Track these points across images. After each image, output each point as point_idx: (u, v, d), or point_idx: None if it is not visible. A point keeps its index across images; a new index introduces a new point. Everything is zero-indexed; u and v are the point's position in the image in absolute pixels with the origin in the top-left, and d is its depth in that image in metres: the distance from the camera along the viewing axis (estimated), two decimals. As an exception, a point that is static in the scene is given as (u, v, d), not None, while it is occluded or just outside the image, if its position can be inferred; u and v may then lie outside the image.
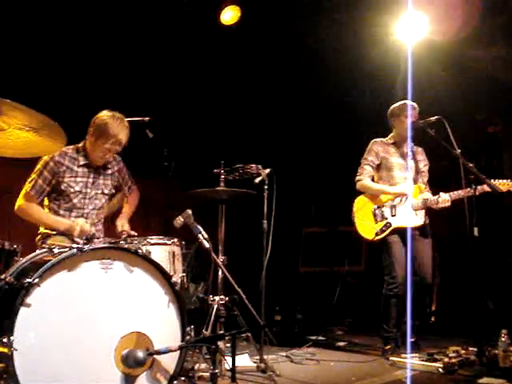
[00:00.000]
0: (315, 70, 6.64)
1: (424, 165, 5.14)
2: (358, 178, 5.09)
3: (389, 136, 5.15)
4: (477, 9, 5.31)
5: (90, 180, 3.98)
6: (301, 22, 6.08)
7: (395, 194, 4.91)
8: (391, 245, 4.85)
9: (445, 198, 4.75)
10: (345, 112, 7.01)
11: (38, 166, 3.86)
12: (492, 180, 4.58)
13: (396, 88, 5.73)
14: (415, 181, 5.03)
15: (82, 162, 3.95)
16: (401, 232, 4.85)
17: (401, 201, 4.90)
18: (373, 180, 5.10)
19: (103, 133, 3.85)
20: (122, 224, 4.09)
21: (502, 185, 4.64)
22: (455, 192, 4.70)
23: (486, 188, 4.55)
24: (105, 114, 3.91)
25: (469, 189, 4.53)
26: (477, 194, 4.45)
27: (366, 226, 4.97)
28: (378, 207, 4.95)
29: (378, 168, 5.09)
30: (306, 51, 6.42)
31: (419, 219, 4.87)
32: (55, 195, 3.91)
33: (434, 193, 4.90)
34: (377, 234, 4.88)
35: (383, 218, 4.91)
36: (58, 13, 5.17)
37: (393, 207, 4.91)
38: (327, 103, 7.02)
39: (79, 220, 3.77)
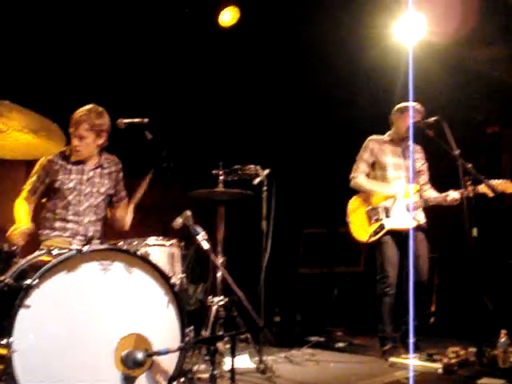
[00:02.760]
0: (314, 71, 6.63)
1: (422, 163, 5.13)
2: (352, 175, 5.09)
3: (386, 133, 5.15)
4: (475, 9, 5.31)
5: (85, 177, 4.01)
6: (300, 23, 6.08)
7: (387, 195, 4.91)
8: (383, 245, 4.85)
9: (453, 197, 4.74)
10: (344, 113, 7.01)
11: (36, 167, 3.97)
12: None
13: (396, 89, 5.72)
14: (410, 180, 5.01)
15: (73, 160, 4.01)
16: (394, 233, 4.85)
17: (394, 202, 4.90)
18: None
19: (71, 121, 3.94)
20: None
21: (499, 185, 4.64)
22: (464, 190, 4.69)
23: (480, 189, 4.56)
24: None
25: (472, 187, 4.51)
26: (478, 192, 4.46)
27: (360, 228, 4.97)
28: (372, 209, 4.94)
29: (372, 166, 5.09)
30: (305, 52, 6.42)
31: (413, 220, 4.86)
32: (52, 194, 3.96)
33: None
34: (371, 236, 4.88)
35: (377, 219, 4.90)
36: (55, 13, 5.16)
37: (386, 209, 4.90)
38: (326, 105, 7.02)
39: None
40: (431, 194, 4.96)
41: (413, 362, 4.40)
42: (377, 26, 5.82)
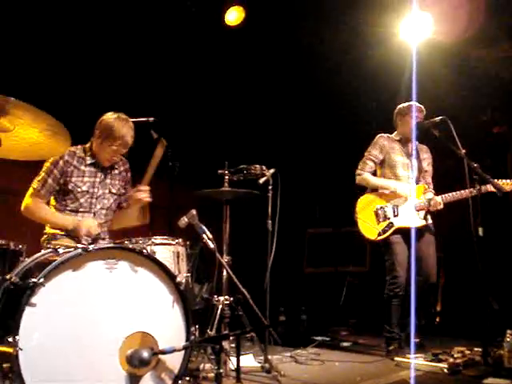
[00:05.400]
0: (319, 70, 6.64)
1: (428, 163, 5.14)
2: (358, 171, 5.07)
3: (394, 133, 5.15)
4: (481, 8, 5.31)
5: (98, 179, 3.97)
6: (305, 22, 6.08)
7: (395, 190, 4.90)
8: (393, 245, 4.85)
9: (437, 201, 4.77)
10: (349, 112, 7.01)
11: (47, 165, 3.84)
12: (496, 180, 4.58)
13: (400, 89, 5.72)
14: (418, 180, 5.02)
15: (89, 161, 3.94)
16: (403, 232, 4.84)
17: (403, 201, 4.90)
18: (375, 176, 5.10)
19: (109, 135, 3.86)
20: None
21: (506, 184, 4.64)
22: (449, 194, 4.72)
23: (488, 188, 4.57)
24: (110, 116, 3.91)
25: (466, 190, 4.54)
26: (479, 194, 4.45)
27: (369, 227, 4.96)
28: (381, 207, 4.94)
29: (381, 164, 5.08)
30: (310, 52, 6.42)
31: (421, 219, 4.88)
32: (62, 195, 3.89)
33: (439, 193, 4.91)
34: (379, 235, 4.88)
35: (385, 218, 4.90)
36: (62, 11, 5.17)
37: (395, 207, 4.90)
38: (331, 104, 7.02)
39: (87, 219, 3.78)
40: (430, 195, 4.96)
41: (418, 361, 4.39)
42: (382, 25, 5.82)
